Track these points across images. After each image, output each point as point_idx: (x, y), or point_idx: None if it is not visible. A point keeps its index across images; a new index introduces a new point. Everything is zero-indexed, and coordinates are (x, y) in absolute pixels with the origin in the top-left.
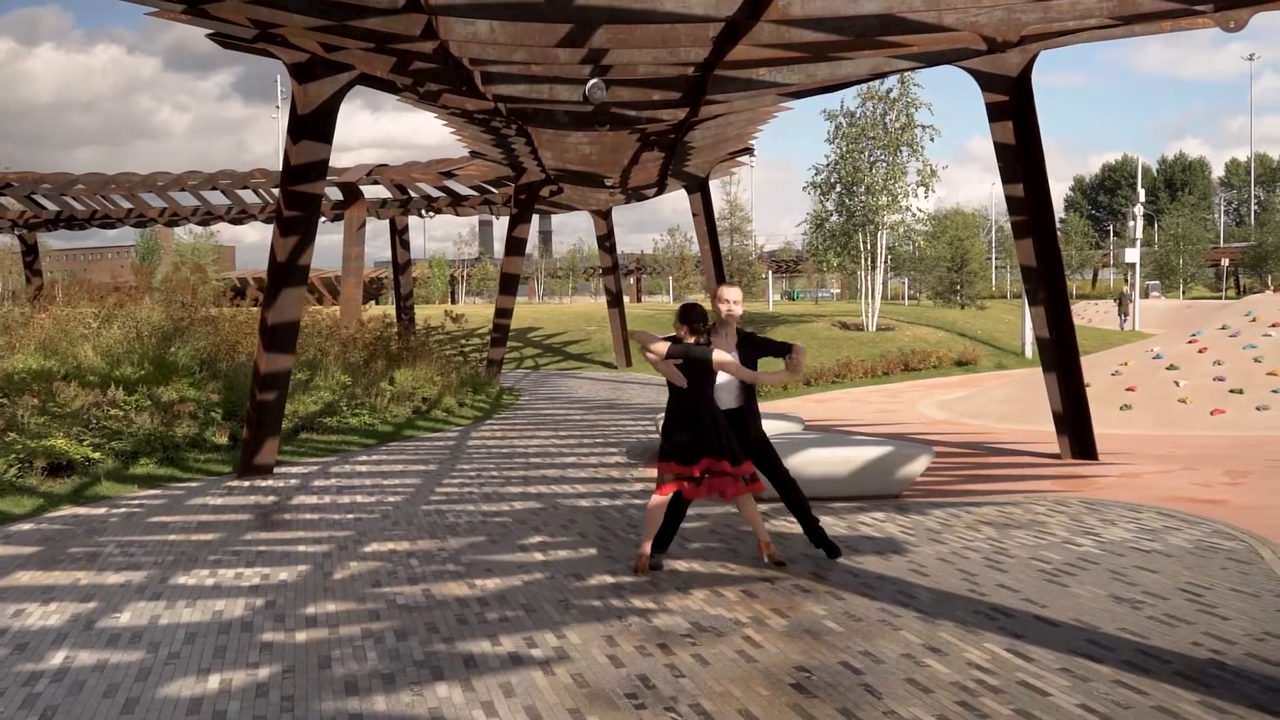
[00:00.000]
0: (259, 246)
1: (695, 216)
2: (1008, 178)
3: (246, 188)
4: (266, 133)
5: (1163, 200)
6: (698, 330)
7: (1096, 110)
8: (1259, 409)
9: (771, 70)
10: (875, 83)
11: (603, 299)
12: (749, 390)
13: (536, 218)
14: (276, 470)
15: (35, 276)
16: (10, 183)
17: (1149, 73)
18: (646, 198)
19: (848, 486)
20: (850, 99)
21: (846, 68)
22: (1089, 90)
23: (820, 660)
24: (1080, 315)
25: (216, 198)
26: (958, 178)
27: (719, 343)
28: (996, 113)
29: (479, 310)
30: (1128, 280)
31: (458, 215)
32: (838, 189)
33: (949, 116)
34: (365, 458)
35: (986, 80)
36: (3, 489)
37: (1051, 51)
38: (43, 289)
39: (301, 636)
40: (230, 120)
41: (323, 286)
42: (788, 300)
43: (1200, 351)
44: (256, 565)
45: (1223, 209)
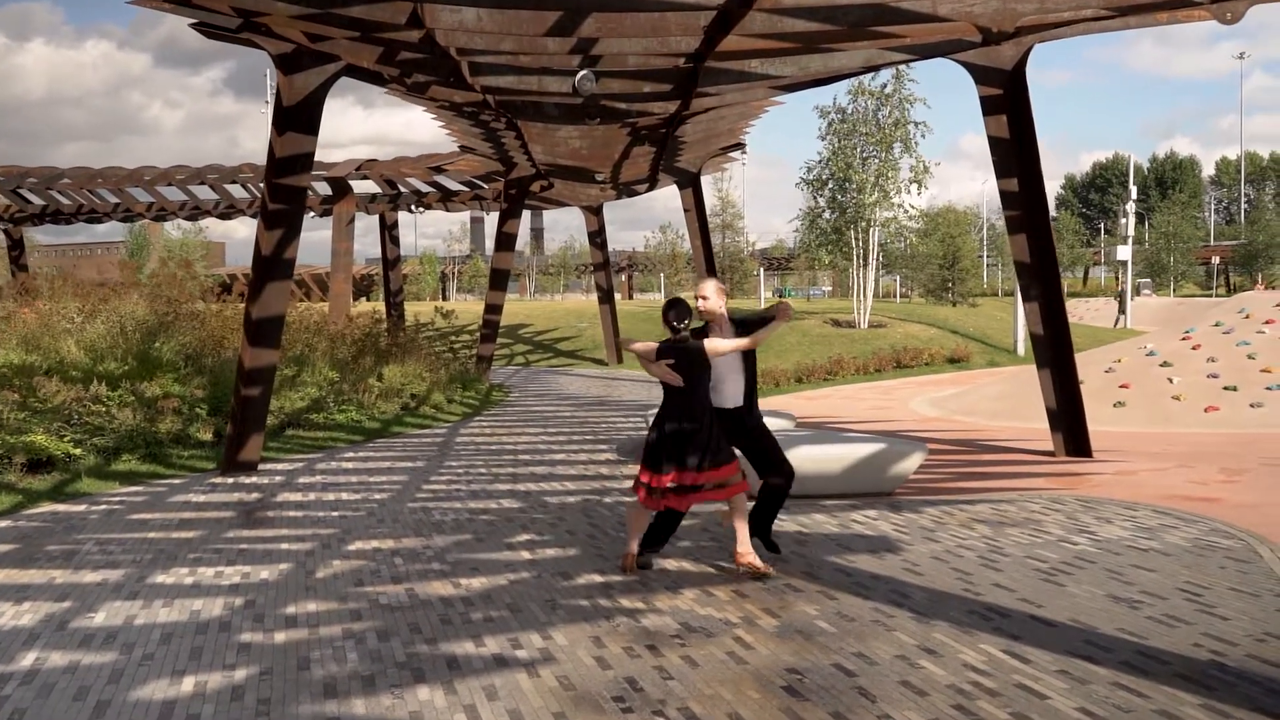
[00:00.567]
0: (249, 243)
1: (687, 212)
2: (1002, 172)
3: (234, 182)
4: (257, 128)
5: (1154, 198)
6: (683, 326)
7: (1087, 109)
8: (1253, 406)
9: (764, 62)
10: (867, 79)
11: (594, 296)
12: (751, 388)
13: (528, 214)
14: (261, 467)
15: (20, 271)
16: None
17: (1140, 71)
18: (638, 193)
19: (840, 484)
20: (842, 95)
21: (839, 59)
22: (1080, 88)
23: (812, 662)
24: (1072, 313)
25: (204, 192)
26: (949, 176)
27: (715, 336)
28: (991, 106)
29: (470, 307)
30: (1118, 278)
31: (448, 211)
32: (830, 185)
33: (941, 114)
34: (352, 454)
35: (981, 73)
36: None
37: (1043, 50)
38: (27, 284)
39: (281, 637)
40: (221, 116)
41: (313, 282)
42: (779, 298)
43: (1194, 348)
44: (237, 564)
45: (1213, 207)
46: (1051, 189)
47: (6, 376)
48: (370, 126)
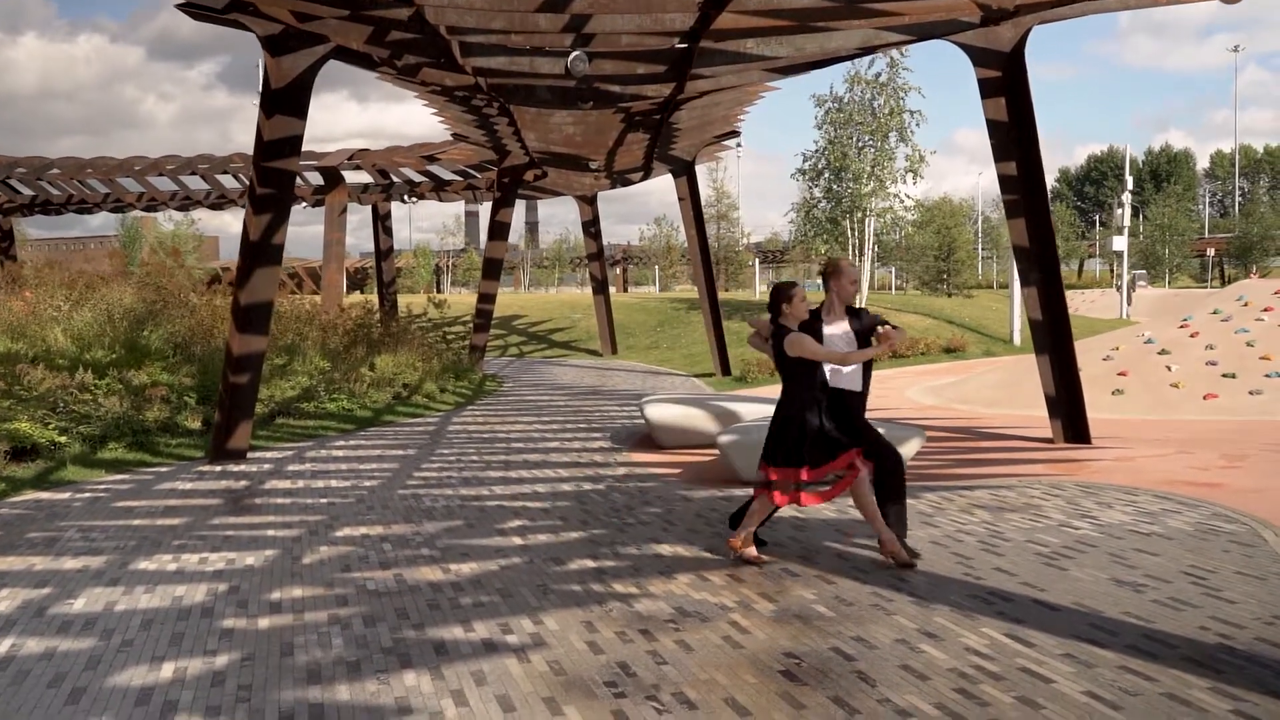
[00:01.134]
0: None
1: (681, 201)
2: (1000, 156)
3: (225, 172)
4: (250, 122)
5: (1148, 191)
6: (779, 312)
7: (1082, 102)
8: (1252, 393)
9: (759, 42)
10: (864, 67)
11: (588, 289)
12: (869, 371)
13: (523, 207)
14: (250, 455)
15: (10, 261)
16: None
17: (1135, 65)
18: (632, 182)
19: None
20: (839, 83)
21: (836, 40)
22: (1074, 82)
23: (810, 646)
24: (1068, 305)
25: (195, 183)
26: (945, 168)
27: (829, 320)
28: (989, 89)
29: (463, 299)
30: (1112, 270)
31: (441, 201)
32: (825, 175)
33: (935, 108)
34: (342, 443)
35: (979, 55)
36: None
37: (1038, 44)
38: (15, 274)
39: (264, 623)
40: (215, 110)
41: (307, 276)
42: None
43: (1192, 336)
44: (223, 550)
45: (1207, 200)
46: (1046, 182)
47: None
48: (364, 120)
